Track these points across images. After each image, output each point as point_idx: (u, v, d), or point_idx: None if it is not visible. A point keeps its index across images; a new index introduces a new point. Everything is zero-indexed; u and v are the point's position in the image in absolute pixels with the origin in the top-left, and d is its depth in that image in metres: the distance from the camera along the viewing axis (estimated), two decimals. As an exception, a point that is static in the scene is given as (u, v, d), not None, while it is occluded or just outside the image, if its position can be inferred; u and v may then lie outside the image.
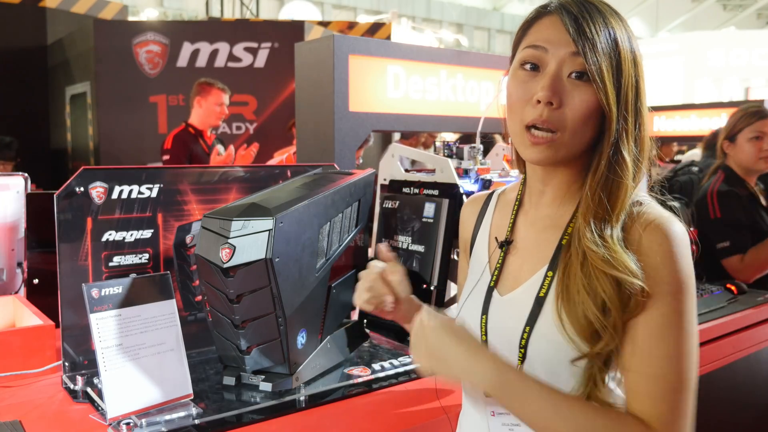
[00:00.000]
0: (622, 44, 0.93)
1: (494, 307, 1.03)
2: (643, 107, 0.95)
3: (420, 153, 1.83)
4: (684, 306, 0.90)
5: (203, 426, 1.19)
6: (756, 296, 2.26)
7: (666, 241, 0.90)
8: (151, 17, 13.61)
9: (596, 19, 0.92)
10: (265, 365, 1.34)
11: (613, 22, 0.93)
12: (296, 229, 1.30)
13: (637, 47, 0.95)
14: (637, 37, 0.97)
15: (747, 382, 2.18)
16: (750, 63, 15.01)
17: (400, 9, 16.66)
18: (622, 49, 0.92)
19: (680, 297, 0.90)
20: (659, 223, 0.91)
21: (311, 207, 1.35)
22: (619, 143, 0.93)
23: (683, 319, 0.90)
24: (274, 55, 6.24)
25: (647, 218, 0.92)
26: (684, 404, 0.89)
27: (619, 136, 0.93)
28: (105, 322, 1.17)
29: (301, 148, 2.69)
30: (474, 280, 1.10)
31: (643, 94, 0.95)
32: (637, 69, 0.94)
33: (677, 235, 0.91)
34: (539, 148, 0.94)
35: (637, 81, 0.94)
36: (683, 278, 0.90)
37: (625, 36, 0.94)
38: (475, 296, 1.07)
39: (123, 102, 6.10)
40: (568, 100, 0.91)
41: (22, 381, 1.39)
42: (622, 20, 0.95)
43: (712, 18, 21.06)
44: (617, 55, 0.92)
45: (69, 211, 1.35)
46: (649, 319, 0.90)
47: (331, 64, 2.44)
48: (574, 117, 0.91)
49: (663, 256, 0.90)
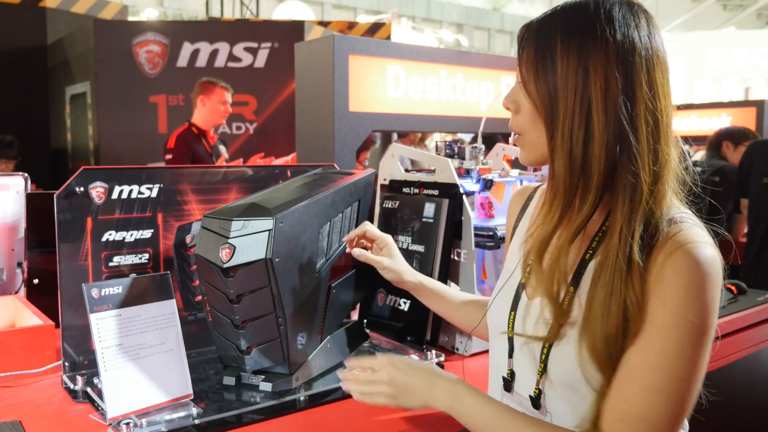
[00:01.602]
0: (564, 46, 0.91)
1: (522, 307, 1.04)
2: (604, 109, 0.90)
3: (420, 153, 1.83)
4: (696, 342, 0.87)
5: (203, 426, 1.19)
6: (756, 296, 2.25)
7: (690, 272, 0.86)
8: (151, 17, 13.60)
9: (546, 25, 0.94)
10: (265, 365, 1.34)
11: (571, 26, 0.91)
12: (296, 229, 1.30)
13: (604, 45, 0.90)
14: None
15: (747, 382, 2.18)
16: (750, 63, 15.01)
17: (400, 9, 16.65)
18: (559, 50, 0.91)
19: (694, 333, 0.87)
20: (687, 250, 0.87)
21: (311, 207, 1.35)
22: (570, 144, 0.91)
23: (692, 356, 0.87)
24: (274, 55, 6.24)
25: (676, 241, 0.88)
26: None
27: (566, 137, 0.91)
28: (105, 322, 1.17)
29: (301, 148, 2.69)
30: (507, 274, 1.11)
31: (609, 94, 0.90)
32: (595, 72, 0.89)
33: (704, 266, 0.86)
34: (518, 149, 1.03)
35: (603, 82, 0.89)
36: (702, 315, 0.86)
37: (574, 38, 0.90)
38: (506, 290, 1.09)
39: (123, 102, 6.10)
40: (522, 105, 0.99)
41: (22, 381, 1.39)
42: (595, 21, 0.91)
43: (712, 18, 21.05)
44: (552, 57, 0.91)
45: (69, 211, 1.35)
46: (655, 348, 0.88)
47: (331, 64, 2.44)
48: (524, 120, 0.98)
49: (685, 288, 0.86)
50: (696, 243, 0.88)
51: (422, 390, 1.03)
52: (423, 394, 1.03)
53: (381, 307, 1.67)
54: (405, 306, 1.61)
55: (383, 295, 1.67)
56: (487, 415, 0.96)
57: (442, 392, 1.01)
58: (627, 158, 0.90)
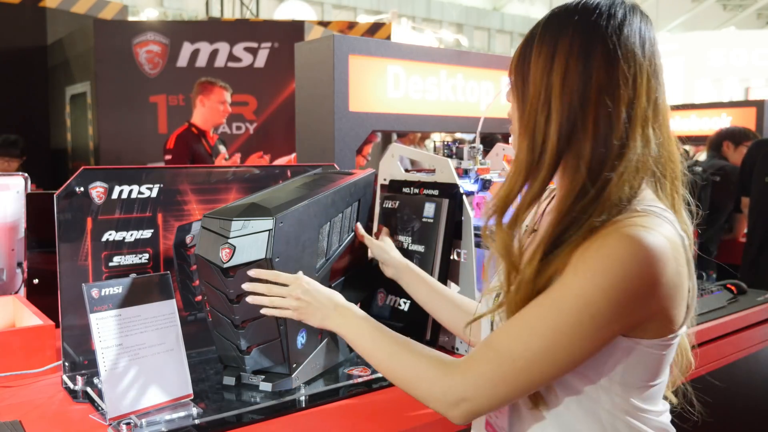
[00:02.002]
0: (540, 39, 0.96)
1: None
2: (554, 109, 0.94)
3: (420, 153, 1.83)
4: (583, 304, 0.87)
5: (203, 426, 1.19)
6: (756, 296, 2.25)
7: (616, 246, 0.87)
8: (151, 17, 13.60)
9: (532, 37, 0.99)
10: (265, 365, 1.34)
11: (552, 35, 0.95)
12: (296, 229, 1.30)
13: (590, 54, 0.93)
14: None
15: (747, 382, 2.18)
16: (750, 63, 15.01)
17: (400, 9, 16.65)
18: (536, 42, 0.97)
19: (586, 295, 0.87)
20: (624, 230, 0.88)
21: (311, 207, 1.35)
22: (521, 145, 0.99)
23: (573, 313, 0.87)
24: (274, 55, 6.24)
25: (620, 224, 0.89)
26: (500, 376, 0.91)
27: (531, 119, 0.96)
28: (105, 322, 1.17)
29: (301, 148, 2.69)
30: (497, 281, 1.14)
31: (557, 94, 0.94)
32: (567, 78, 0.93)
33: (636, 246, 0.86)
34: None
35: (581, 89, 0.92)
36: (604, 282, 0.86)
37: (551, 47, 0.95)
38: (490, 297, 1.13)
39: (123, 102, 6.10)
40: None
41: (22, 381, 1.39)
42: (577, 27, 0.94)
43: (712, 18, 21.05)
44: (531, 48, 0.97)
45: (69, 211, 1.35)
46: (542, 295, 0.91)
47: (331, 64, 2.44)
48: (511, 107, 1.05)
49: (602, 257, 0.87)
50: (636, 227, 0.88)
51: (323, 310, 1.17)
52: (322, 313, 1.17)
53: (381, 307, 1.67)
54: (405, 306, 1.61)
55: (383, 295, 1.67)
56: (364, 333, 1.10)
57: (337, 314, 1.16)
58: (576, 143, 0.94)
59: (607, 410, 0.95)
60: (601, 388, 0.94)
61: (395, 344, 1.06)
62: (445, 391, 0.95)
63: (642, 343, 0.92)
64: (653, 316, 0.90)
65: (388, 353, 1.06)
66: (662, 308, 0.90)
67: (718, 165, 3.79)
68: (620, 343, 0.92)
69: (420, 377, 0.99)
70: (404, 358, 1.03)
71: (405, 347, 1.05)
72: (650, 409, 0.98)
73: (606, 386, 0.94)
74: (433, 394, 0.97)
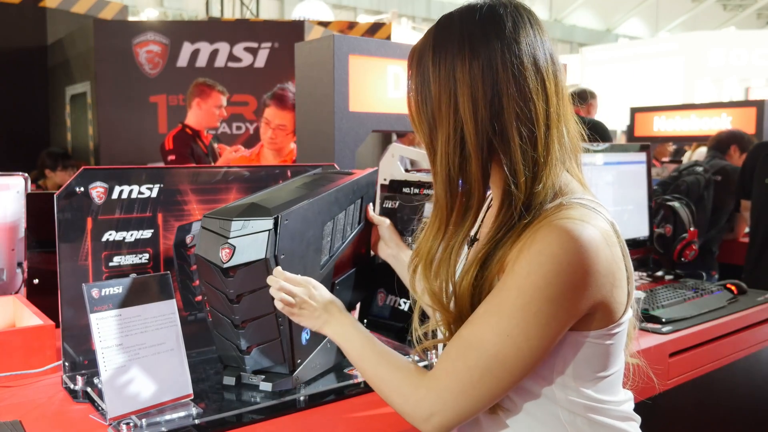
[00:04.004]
0: (435, 75, 0.95)
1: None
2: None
3: (420, 153, 1.83)
4: (524, 303, 0.87)
5: (203, 426, 1.19)
6: (756, 296, 2.26)
7: (545, 239, 0.87)
8: (151, 17, 13.60)
9: (421, 52, 0.98)
10: (264, 365, 1.34)
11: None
12: (301, 226, 1.31)
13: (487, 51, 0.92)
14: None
15: (747, 382, 2.18)
16: (750, 63, 15.01)
17: (400, 9, 16.65)
18: (431, 80, 0.95)
19: (526, 294, 0.87)
20: (553, 223, 0.89)
21: (315, 204, 1.36)
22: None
23: (516, 313, 0.88)
24: (274, 55, 6.23)
25: (548, 219, 0.90)
26: (468, 383, 0.90)
27: (443, 163, 0.96)
28: (105, 322, 1.17)
29: (301, 148, 2.69)
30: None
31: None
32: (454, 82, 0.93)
33: (566, 238, 0.87)
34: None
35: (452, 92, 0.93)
36: (539, 279, 0.86)
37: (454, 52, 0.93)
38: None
39: (123, 102, 6.09)
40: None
41: (22, 381, 1.39)
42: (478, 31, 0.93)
43: (712, 18, 21.05)
44: (428, 88, 0.95)
45: (69, 211, 1.35)
46: (485, 302, 0.92)
47: (331, 64, 2.44)
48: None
49: (536, 252, 0.87)
50: (566, 219, 0.89)
51: (323, 316, 1.16)
52: (321, 320, 1.16)
53: (381, 307, 1.67)
54: (405, 306, 1.61)
55: (383, 295, 1.67)
56: (355, 343, 1.10)
57: (335, 321, 1.15)
58: (501, 171, 0.93)
59: (566, 408, 0.95)
60: (556, 386, 0.95)
61: (378, 356, 1.06)
62: (415, 407, 0.96)
63: (589, 335, 0.93)
64: (596, 306, 0.91)
65: (372, 365, 1.06)
66: (602, 297, 0.91)
67: (719, 165, 3.79)
68: (568, 338, 0.93)
69: (395, 392, 1.00)
70: (383, 371, 1.04)
71: (386, 360, 1.05)
72: (609, 399, 0.99)
73: (561, 383, 0.95)
74: (406, 409, 0.97)
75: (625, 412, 1.01)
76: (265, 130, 3.35)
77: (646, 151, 2.56)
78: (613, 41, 20.03)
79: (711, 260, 3.64)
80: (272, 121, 3.29)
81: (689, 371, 1.88)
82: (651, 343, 1.78)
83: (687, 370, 1.87)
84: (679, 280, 2.48)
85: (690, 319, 1.97)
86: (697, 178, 3.24)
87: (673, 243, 2.53)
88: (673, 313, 1.98)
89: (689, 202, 2.64)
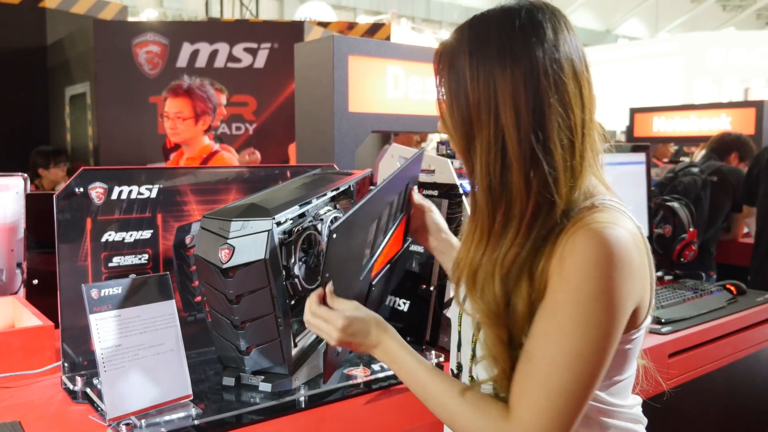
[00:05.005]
0: (473, 82, 0.93)
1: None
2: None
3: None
4: (583, 317, 0.86)
5: (203, 426, 1.19)
6: (756, 296, 2.26)
7: (586, 248, 0.87)
8: (150, 18, 13.60)
9: (456, 54, 0.97)
10: (264, 366, 1.34)
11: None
12: (349, 239, 1.14)
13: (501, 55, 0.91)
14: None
15: (747, 382, 2.18)
16: (750, 63, 15.03)
17: (400, 9, 16.65)
18: (469, 84, 0.93)
19: (582, 307, 0.86)
20: (588, 228, 0.88)
21: (363, 210, 1.16)
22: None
23: (579, 329, 0.86)
24: (273, 56, 6.23)
25: (582, 223, 0.89)
26: (555, 411, 0.87)
27: (484, 170, 0.94)
28: (105, 322, 1.17)
29: (301, 149, 2.69)
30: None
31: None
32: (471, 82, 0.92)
33: (604, 244, 0.86)
34: None
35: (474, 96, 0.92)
36: (600, 290, 0.86)
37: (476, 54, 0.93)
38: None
39: (123, 102, 6.09)
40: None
41: (22, 381, 1.39)
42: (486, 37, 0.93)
43: (712, 18, 21.06)
44: (465, 91, 0.94)
45: (68, 212, 1.35)
46: (541, 321, 0.89)
47: (331, 65, 2.44)
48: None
49: (580, 262, 0.86)
50: (600, 223, 0.88)
51: (364, 345, 1.07)
52: (363, 348, 1.07)
53: (381, 308, 1.67)
54: (404, 306, 1.61)
55: (383, 296, 1.67)
56: (410, 372, 1.02)
57: (380, 350, 1.06)
58: (543, 183, 0.91)
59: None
60: None
61: (445, 389, 0.99)
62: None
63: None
64: (635, 304, 0.91)
65: (440, 404, 0.99)
66: (639, 298, 0.91)
67: (714, 166, 3.79)
68: None
69: (475, 428, 0.94)
70: (454, 407, 0.96)
71: (451, 393, 0.98)
72: (621, 403, 0.99)
73: None
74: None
75: (635, 415, 1.02)
76: (165, 123, 3.44)
77: (645, 152, 2.56)
78: (612, 42, 20.04)
79: (709, 260, 3.64)
80: (169, 111, 3.37)
81: (689, 371, 1.88)
82: (650, 343, 1.78)
83: (686, 371, 1.87)
84: (678, 280, 2.48)
85: (689, 319, 1.97)
86: (694, 178, 3.24)
87: (673, 243, 2.53)
88: (673, 314, 1.98)
89: (688, 203, 2.65)
